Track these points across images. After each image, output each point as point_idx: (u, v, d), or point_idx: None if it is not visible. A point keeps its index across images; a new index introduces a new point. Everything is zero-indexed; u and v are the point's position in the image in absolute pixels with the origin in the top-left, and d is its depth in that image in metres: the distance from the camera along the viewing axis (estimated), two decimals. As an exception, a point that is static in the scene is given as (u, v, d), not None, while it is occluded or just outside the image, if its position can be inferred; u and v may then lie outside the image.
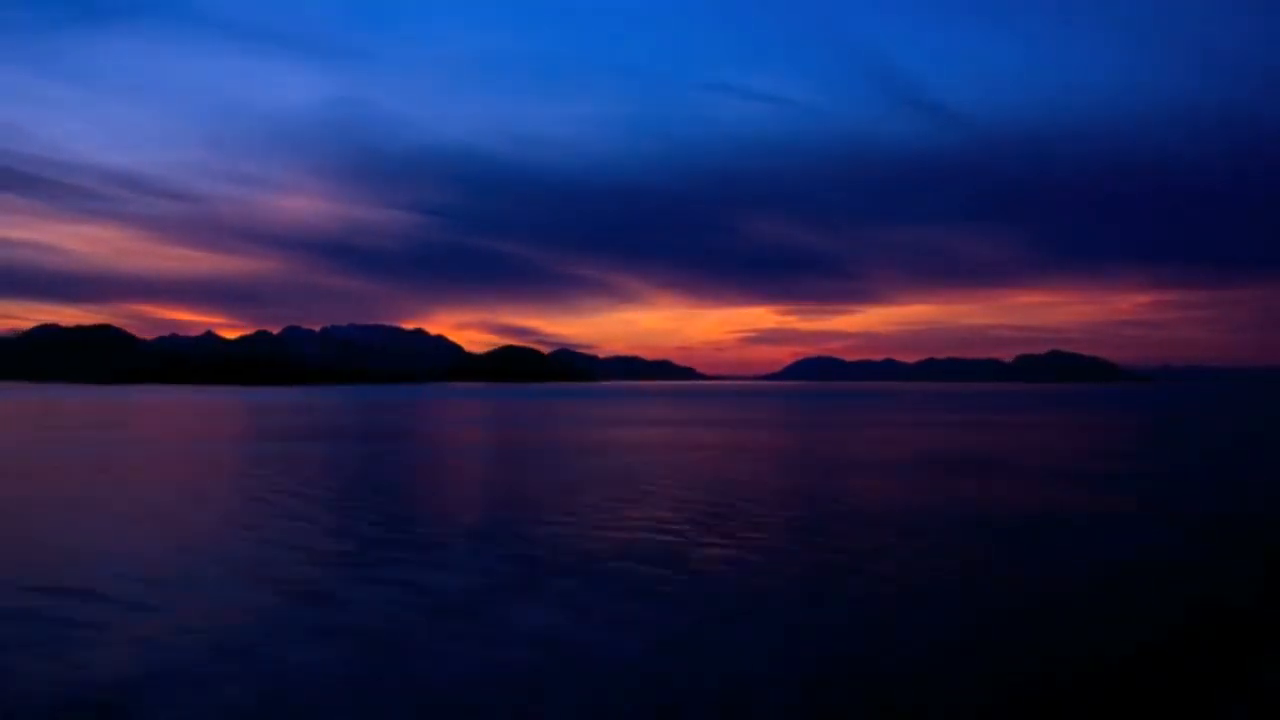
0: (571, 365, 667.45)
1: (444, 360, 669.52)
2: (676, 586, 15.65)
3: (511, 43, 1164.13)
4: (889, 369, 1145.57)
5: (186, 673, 10.94)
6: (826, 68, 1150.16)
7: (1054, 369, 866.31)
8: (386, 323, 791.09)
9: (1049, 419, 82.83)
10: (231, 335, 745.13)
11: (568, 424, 72.13)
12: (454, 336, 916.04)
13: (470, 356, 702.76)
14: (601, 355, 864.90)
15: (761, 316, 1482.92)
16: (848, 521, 22.49)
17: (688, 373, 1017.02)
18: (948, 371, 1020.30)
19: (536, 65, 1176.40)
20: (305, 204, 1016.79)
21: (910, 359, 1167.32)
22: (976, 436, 57.24)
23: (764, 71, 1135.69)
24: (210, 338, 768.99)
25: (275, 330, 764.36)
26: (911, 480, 31.69)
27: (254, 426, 66.59)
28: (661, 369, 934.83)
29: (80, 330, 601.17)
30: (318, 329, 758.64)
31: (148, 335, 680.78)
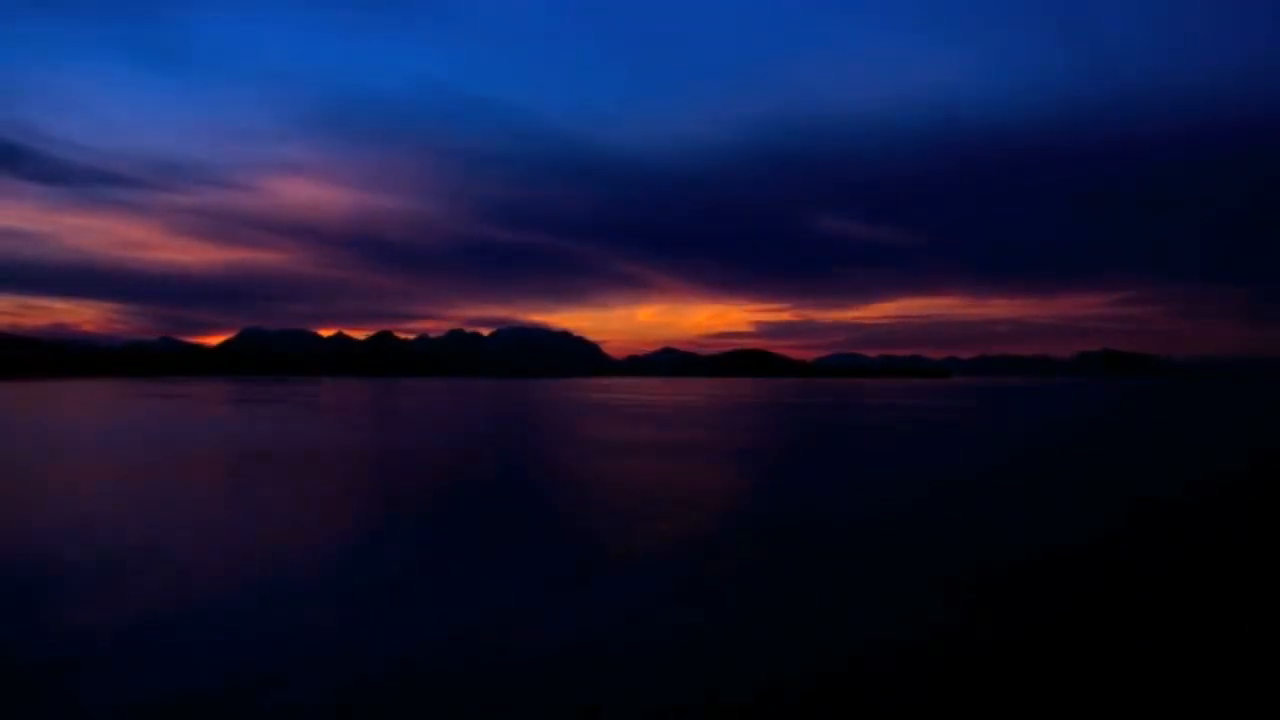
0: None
1: (586, 358, 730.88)
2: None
3: (598, 24, 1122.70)
4: (929, 363, 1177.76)
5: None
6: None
7: (1105, 365, 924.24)
8: (522, 319, 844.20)
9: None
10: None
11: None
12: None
13: (605, 356, 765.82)
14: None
15: (777, 311, 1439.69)
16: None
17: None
18: (999, 368, 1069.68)
19: (627, 44, 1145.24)
20: (336, 196, 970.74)
21: (963, 355, 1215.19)
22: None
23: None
24: (342, 338, 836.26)
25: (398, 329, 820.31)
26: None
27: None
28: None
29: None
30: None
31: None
